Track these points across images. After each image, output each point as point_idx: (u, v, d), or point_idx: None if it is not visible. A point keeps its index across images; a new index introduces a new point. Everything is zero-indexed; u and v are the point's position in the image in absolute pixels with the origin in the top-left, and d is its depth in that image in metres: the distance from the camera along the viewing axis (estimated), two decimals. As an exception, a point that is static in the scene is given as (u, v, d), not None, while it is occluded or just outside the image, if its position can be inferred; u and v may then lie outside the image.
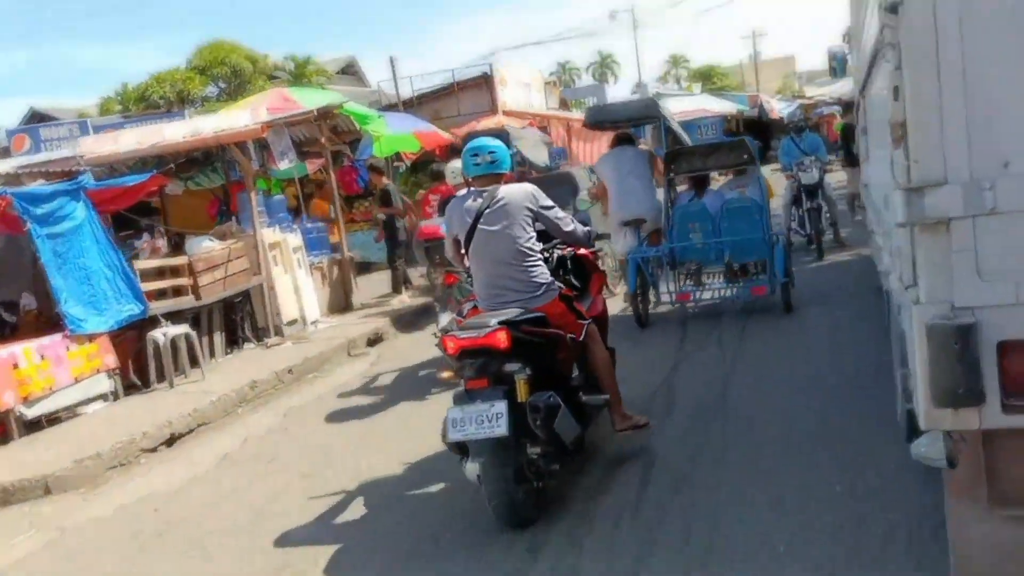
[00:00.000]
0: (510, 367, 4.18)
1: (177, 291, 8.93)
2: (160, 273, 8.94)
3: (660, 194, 8.94)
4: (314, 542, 4.47)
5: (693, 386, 6.17)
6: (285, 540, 4.58)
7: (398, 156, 16.52)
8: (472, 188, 4.79)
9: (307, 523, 4.75)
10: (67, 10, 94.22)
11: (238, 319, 9.79)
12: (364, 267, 13.65)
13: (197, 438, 6.99)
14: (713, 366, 6.62)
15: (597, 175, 9.53)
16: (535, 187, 4.78)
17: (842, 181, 14.85)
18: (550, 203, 4.77)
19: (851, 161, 13.46)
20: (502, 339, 4.12)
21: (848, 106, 14.85)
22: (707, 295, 8.57)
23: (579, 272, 5.38)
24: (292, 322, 10.20)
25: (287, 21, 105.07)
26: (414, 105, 20.43)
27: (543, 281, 4.64)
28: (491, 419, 4.00)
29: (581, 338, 4.71)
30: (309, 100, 11.17)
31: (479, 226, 4.61)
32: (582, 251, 5.36)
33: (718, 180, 12.23)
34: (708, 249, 8.28)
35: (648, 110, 9.58)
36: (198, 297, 8.98)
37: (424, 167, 18.33)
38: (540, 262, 4.69)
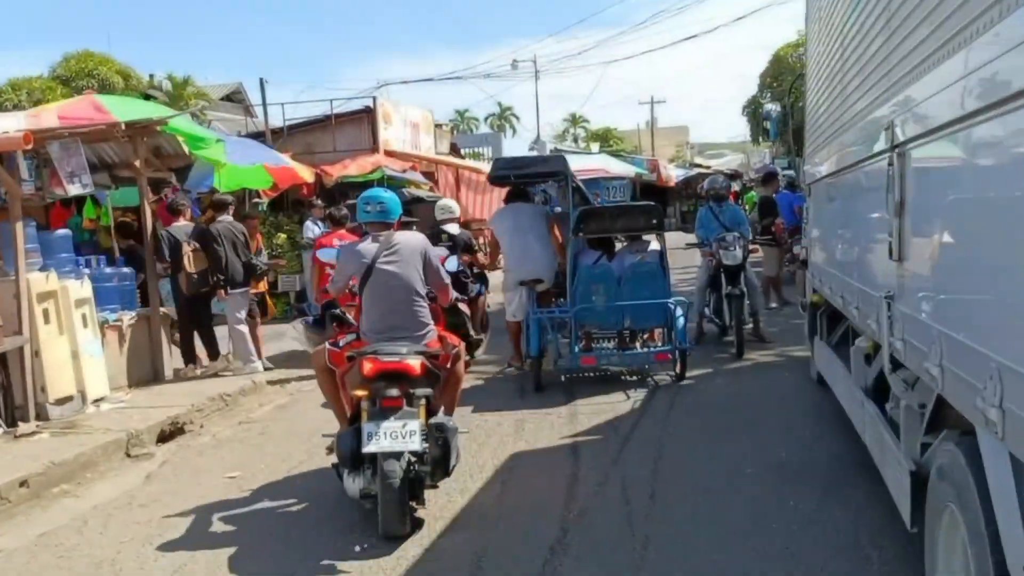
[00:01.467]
0: (421, 391, 4.65)
1: None
2: None
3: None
4: None
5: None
6: None
7: (256, 192, 14.14)
8: (368, 233, 5.21)
9: None
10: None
11: (-18, 394, 7.20)
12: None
13: None
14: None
15: (493, 230, 9.31)
16: (425, 238, 5.38)
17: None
18: (436, 255, 5.33)
19: (769, 240, 11.95)
20: (417, 365, 4.67)
21: (769, 176, 13.41)
22: (612, 360, 8.32)
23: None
24: (65, 400, 7.65)
25: (185, 46, 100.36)
26: (283, 136, 18.09)
27: (427, 321, 5.09)
28: (405, 435, 4.41)
29: (449, 365, 5.12)
30: (123, 111, 8.71)
31: (377, 266, 4.99)
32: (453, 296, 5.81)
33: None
34: (609, 313, 8.08)
35: (556, 166, 9.30)
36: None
37: (294, 205, 15.98)
38: (426, 304, 5.11)
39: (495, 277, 10.32)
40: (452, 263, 7.40)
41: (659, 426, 6.59)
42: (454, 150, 23.01)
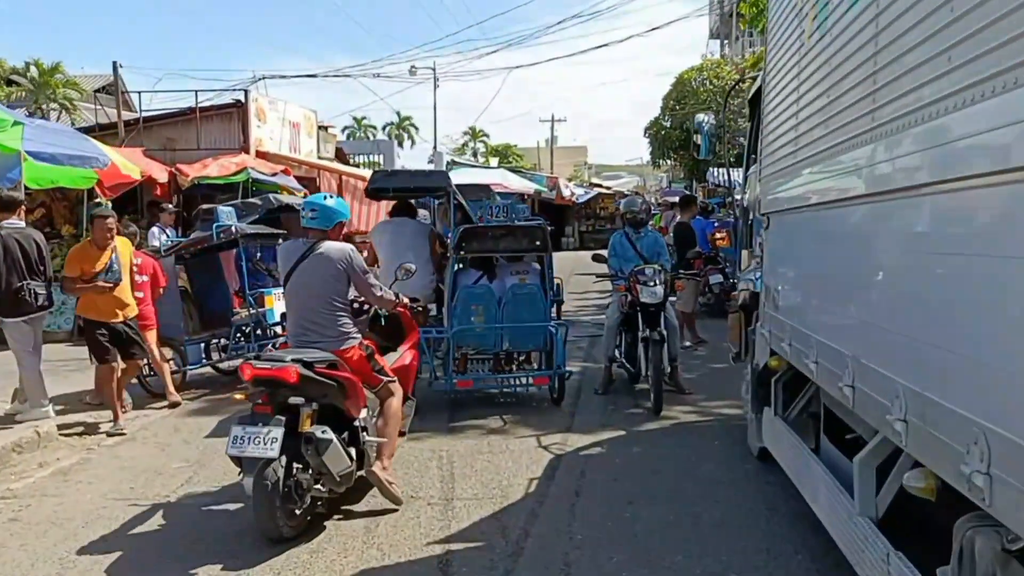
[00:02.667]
0: (295, 400, 4.72)
1: None
2: None
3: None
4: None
5: None
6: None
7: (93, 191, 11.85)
8: (308, 237, 5.21)
9: None
10: None
11: None
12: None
13: None
14: None
15: (371, 243, 8.68)
16: (353, 248, 5.25)
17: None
18: (364, 267, 5.30)
19: (694, 274, 10.55)
20: (292, 374, 4.64)
21: (687, 201, 12.02)
22: (489, 383, 8.11)
23: (396, 327, 6.05)
24: None
25: (62, 35, 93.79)
26: (138, 129, 15.78)
27: (345, 330, 5.12)
28: (266, 442, 4.51)
29: (377, 390, 5.23)
30: None
31: (297, 270, 5.09)
32: (400, 309, 5.92)
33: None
34: (488, 334, 7.82)
35: (438, 182, 8.76)
36: None
37: (150, 208, 13.64)
38: (345, 312, 5.15)
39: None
40: None
41: (562, 530, 4.88)
42: (340, 156, 20.98)
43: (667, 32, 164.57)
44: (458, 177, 28.68)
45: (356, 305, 5.63)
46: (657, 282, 7.73)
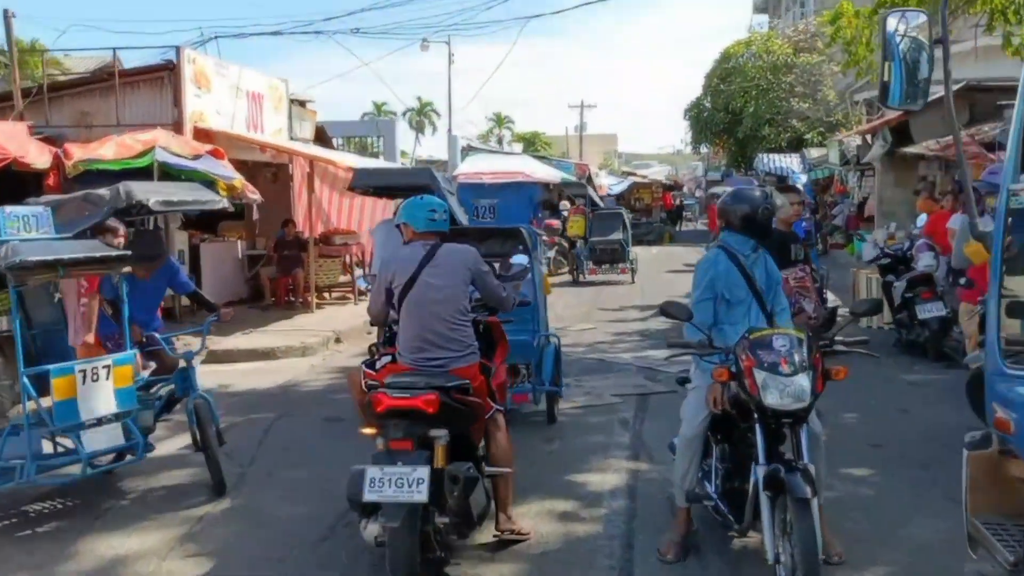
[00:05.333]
0: (435, 432, 4.12)
1: None
2: None
3: None
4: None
5: None
6: None
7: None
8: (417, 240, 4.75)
9: None
10: None
11: None
12: None
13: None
14: None
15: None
16: (475, 250, 4.85)
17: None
18: (487, 268, 4.92)
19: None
20: (432, 403, 4.07)
21: (787, 191, 7.88)
22: None
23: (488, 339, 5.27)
24: None
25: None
26: (46, 101, 12.07)
27: (470, 342, 4.66)
28: (411, 483, 3.90)
29: (489, 415, 4.67)
30: None
31: (421, 277, 4.59)
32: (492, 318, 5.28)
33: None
34: None
35: (422, 179, 8.45)
36: None
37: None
38: (470, 324, 4.73)
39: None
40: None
41: None
42: (321, 138, 17.12)
43: (699, 17, 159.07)
44: (474, 164, 25.31)
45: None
46: (798, 365, 3.80)
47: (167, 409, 5.88)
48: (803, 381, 3.74)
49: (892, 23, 3.66)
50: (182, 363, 5.75)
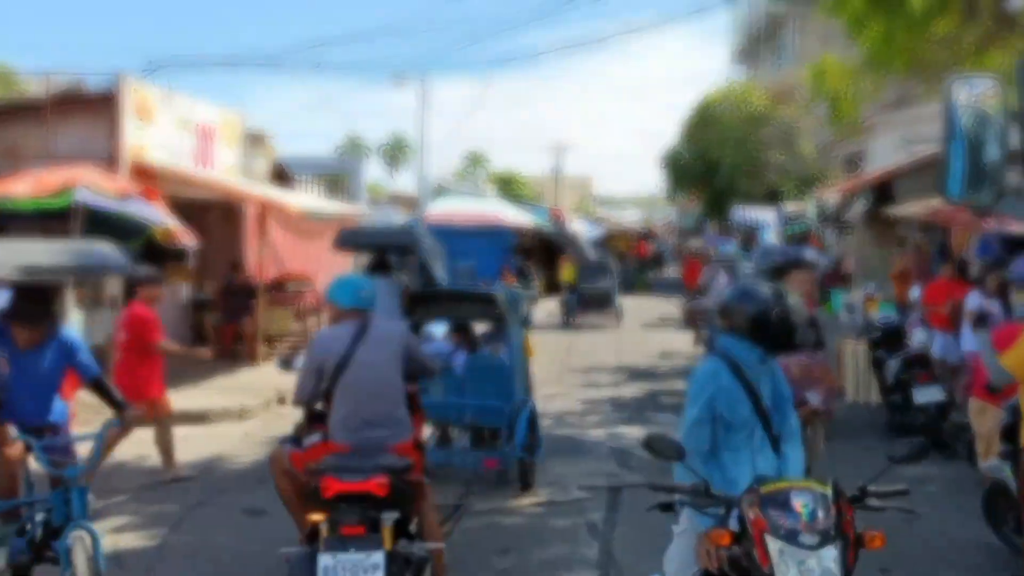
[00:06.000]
0: (386, 515, 4.06)
1: None
2: None
3: None
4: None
5: None
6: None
7: None
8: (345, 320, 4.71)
9: None
10: None
11: None
12: None
13: None
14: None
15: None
16: (405, 325, 5.28)
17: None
18: (417, 341, 5.21)
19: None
20: (384, 485, 4.01)
21: (794, 266, 6.96)
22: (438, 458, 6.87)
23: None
24: None
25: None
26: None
27: (406, 419, 4.65)
28: (367, 570, 3.83)
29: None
30: None
31: (356, 356, 4.50)
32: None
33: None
34: (449, 407, 7.01)
35: (405, 239, 9.22)
36: None
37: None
38: (405, 400, 4.69)
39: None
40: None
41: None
42: (280, 175, 16.16)
43: (674, 62, 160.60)
44: (447, 206, 24.53)
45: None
46: (824, 533, 2.88)
47: (42, 544, 4.40)
48: (830, 556, 2.82)
49: (957, 92, 2.82)
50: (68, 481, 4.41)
